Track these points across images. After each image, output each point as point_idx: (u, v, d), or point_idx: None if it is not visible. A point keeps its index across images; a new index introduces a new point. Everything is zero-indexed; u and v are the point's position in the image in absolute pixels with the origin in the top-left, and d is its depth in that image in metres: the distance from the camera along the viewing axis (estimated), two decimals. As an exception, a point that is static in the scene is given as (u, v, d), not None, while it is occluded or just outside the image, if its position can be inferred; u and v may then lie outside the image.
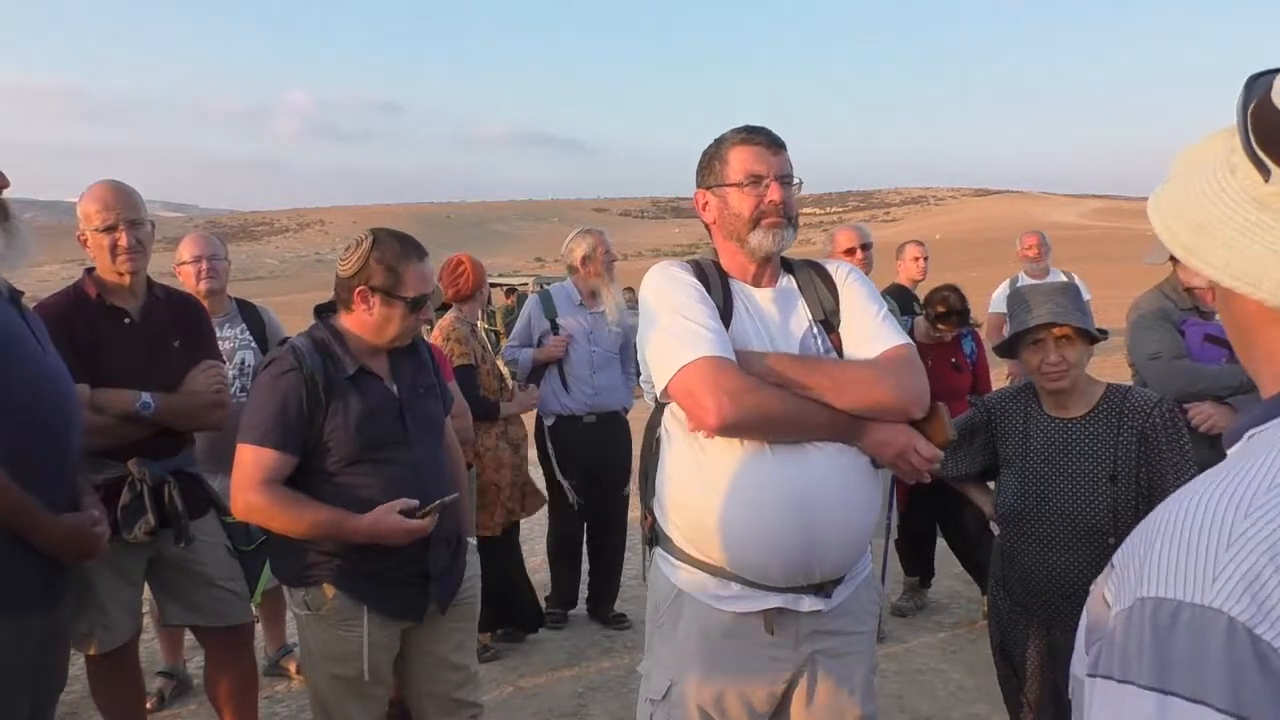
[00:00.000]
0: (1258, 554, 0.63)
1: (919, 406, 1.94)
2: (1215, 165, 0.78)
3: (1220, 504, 0.67)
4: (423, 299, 2.41)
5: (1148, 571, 0.67)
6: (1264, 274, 0.72)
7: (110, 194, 2.75)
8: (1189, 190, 0.80)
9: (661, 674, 2.04)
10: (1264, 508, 0.65)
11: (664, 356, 1.92)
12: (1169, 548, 0.67)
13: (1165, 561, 0.67)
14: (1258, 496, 0.66)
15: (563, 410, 4.40)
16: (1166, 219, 0.81)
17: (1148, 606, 0.66)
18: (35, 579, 2.12)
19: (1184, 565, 0.65)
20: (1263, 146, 0.73)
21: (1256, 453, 0.71)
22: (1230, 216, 0.75)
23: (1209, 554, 0.64)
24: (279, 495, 2.28)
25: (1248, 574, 0.62)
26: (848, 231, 4.70)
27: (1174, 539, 0.67)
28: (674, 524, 2.01)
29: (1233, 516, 0.65)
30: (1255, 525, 0.64)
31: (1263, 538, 0.64)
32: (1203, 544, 0.65)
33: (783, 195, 1.98)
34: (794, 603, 1.94)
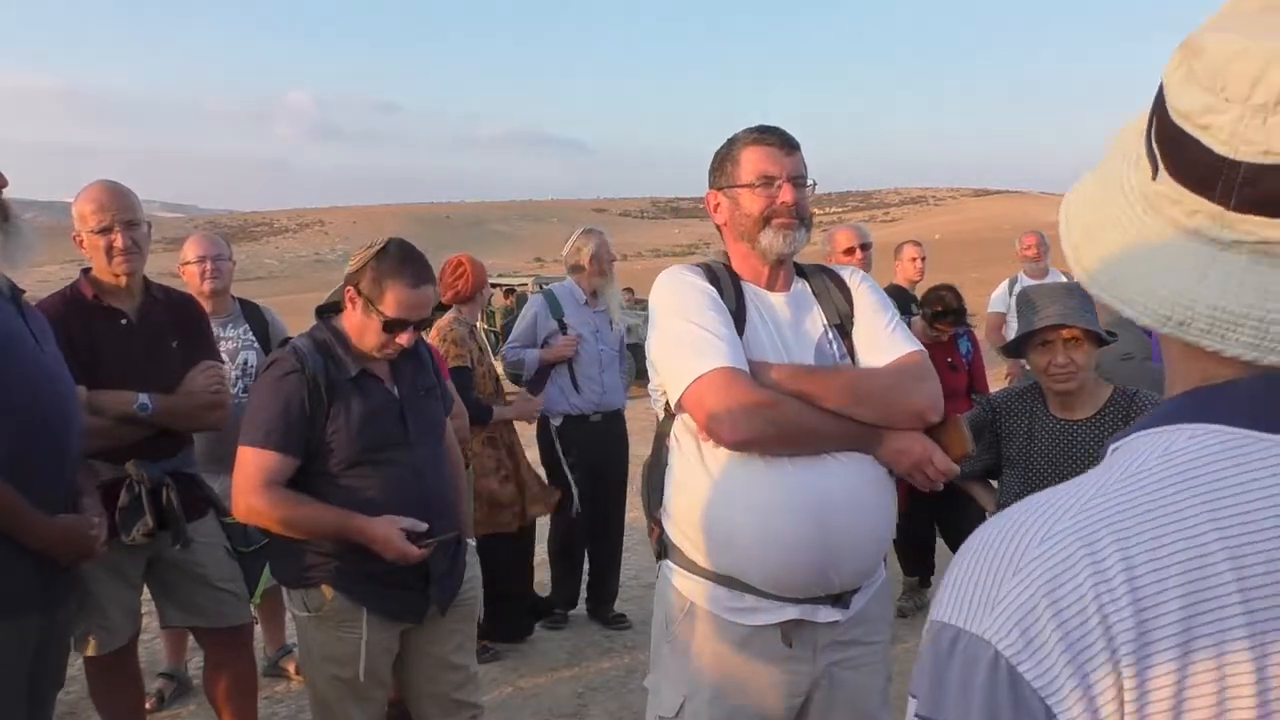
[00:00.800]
0: (1036, 585, 0.57)
1: (935, 412, 1.93)
2: (1127, 153, 0.70)
3: (1023, 525, 0.61)
4: (401, 323, 2.33)
5: (945, 591, 0.63)
6: (1131, 285, 0.64)
7: (105, 195, 2.74)
8: (1102, 181, 0.71)
9: (673, 690, 1.98)
10: (1062, 534, 0.59)
11: (677, 367, 1.89)
12: (966, 568, 0.62)
13: (959, 583, 0.62)
14: (1062, 520, 0.60)
15: (571, 410, 4.40)
16: (1070, 214, 0.72)
17: (934, 630, 0.62)
18: (33, 580, 2.11)
19: (971, 590, 0.61)
20: (1159, 140, 0.65)
21: (1101, 469, 0.64)
22: (1117, 219, 0.67)
23: (995, 580, 0.60)
24: (281, 497, 2.27)
25: (1023, 605, 0.57)
26: (847, 231, 4.70)
27: (973, 559, 0.62)
28: (685, 535, 1.96)
29: (1028, 541, 0.60)
30: (1046, 553, 0.58)
31: (1048, 567, 0.58)
32: (993, 568, 0.60)
33: (795, 196, 1.95)
34: (811, 614, 1.90)
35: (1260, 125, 0.57)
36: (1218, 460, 0.59)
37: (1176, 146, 0.62)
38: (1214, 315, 0.60)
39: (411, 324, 2.36)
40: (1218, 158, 0.59)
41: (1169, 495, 0.58)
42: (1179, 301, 0.61)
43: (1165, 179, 0.63)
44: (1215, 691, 0.53)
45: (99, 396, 2.61)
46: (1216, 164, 0.59)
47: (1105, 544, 0.57)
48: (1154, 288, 0.62)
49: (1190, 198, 0.62)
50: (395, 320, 2.32)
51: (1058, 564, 0.57)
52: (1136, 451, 0.63)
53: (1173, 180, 0.63)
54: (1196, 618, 0.54)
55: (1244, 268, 0.60)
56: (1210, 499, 0.57)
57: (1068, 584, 0.56)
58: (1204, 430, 0.61)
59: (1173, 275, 0.62)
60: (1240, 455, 0.59)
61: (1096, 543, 0.57)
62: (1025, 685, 0.56)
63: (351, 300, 2.35)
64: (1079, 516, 0.59)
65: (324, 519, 2.29)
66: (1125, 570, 0.56)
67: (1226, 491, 0.57)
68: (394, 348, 2.37)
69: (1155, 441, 0.63)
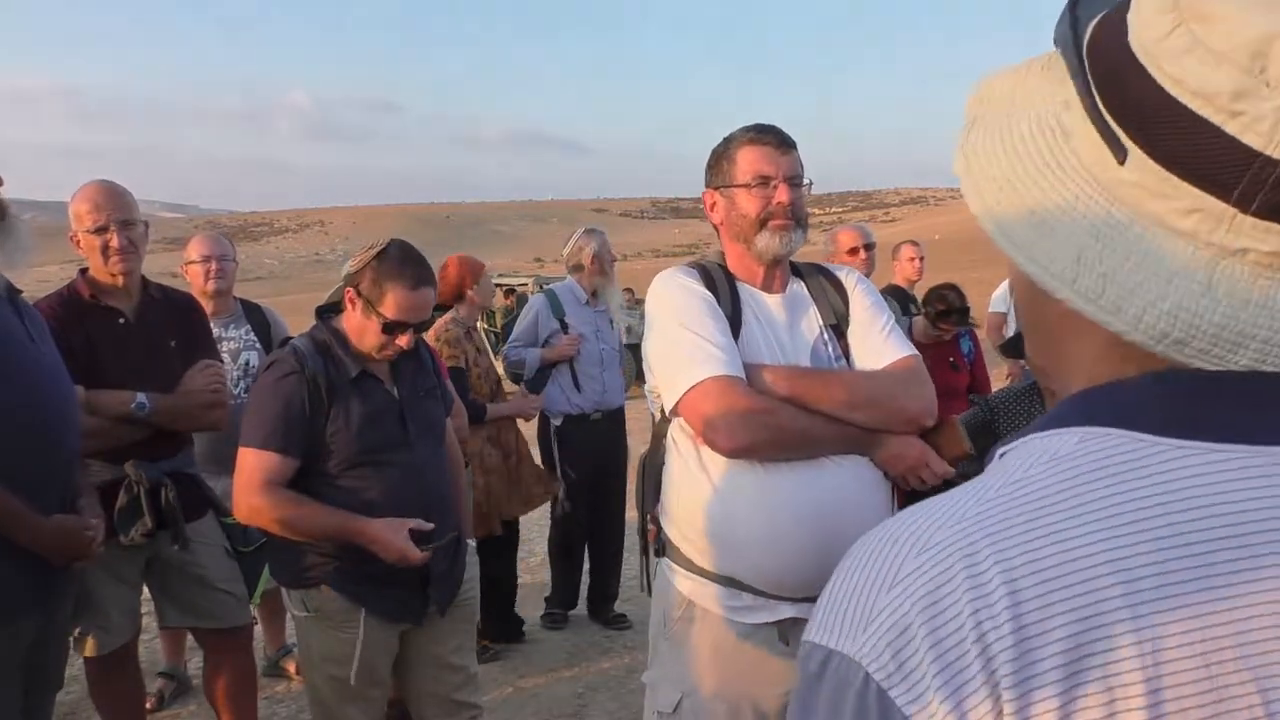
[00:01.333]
0: (912, 601, 0.52)
1: (929, 417, 1.95)
2: (1042, 119, 0.58)
3: (901, 536, 0.56)
4: (401, 325, 2.32)
5: (820, 609, 0.58)
6: (1124, 297, 0.54)
7: (101, 194, 2.73)
8: (1013, 154, 0.59)
9: (671, 686, 2.00)
10: (941, 545, 0.53)
11: (674, 373, 1.90)
12: (840, 584, 0.57)
13: (833, 599, 0.57)
14: (942, 529, 0.54)
15: (572, 409, 4.40)
16: (989, 199, 0.59)
17: (804, 650, 0.58)
18: (27, 580, 2.11)
19: (844, 607, 0.55)
20: (1119, 116, 0.54)
21: (985, 476, 0.59)
22: (1074, 208, 0.56)
23: (869, 596, 0.54)
24: (282, 498, 2.27)
25: (897, 624, 0.52)
26: (850, 231, 4.70)
27: (848, 572, 0.57)
28: (684, 535, 1.98)
29: (906, 552, 0.54)
30: (921, 567, 0.53)
31: (924, 582, 0.52)
32: (867, 584, 0.55)
33: (790, 197, 1.95)
34: (807, 612, 1.93)
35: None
36: (1106, 466, 0.54)
37: (1175, 130, 0.52)
38: (1218, 334, 0.53)
39: (411, 326, 2.36)
40: (1249, 153, 0.50)
41: (1054, 505, 0.53)
42: (1181, 317, 0.53)
43: (1146, 167, 0.53)
44: (1104, 718, 0.49)
45: (97, 396, 2.61)
46: (1244, 160, 0.50)
47: (985, 558, 0.52)
48: (1154, 300, 0.54)
49: (1190, 193, 0.52)
50: (395, 322, 2.32)
51: (934, 579, 0.52)
52: (1022, 456, 0.58)
53: (1161, 169, 0.53)
54: (1084, 642, 0.49)
55: (1248, 280, 0.53)
56: (1098, 509, 0.52)
57: (944, 601, 0.51)
58: (1093, 434, 0.56)
59: (1173, 287, 0.53)
60: (1130, 461, 0.54)
61: (975, 556, 0.52)
62: (896, 712, 0.51)
63: (351, 301, 2.35)
64: (958, 527, 0.54)
65: (325, 520, 2.29)
66: (1007, 587, 0.51)
67: (1114, 500, 0.52)
68: (393, 349, 2.37)
69: (1042, 446, 0.57)
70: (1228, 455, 0.53)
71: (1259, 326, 0.53)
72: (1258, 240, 0.52)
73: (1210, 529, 0.51)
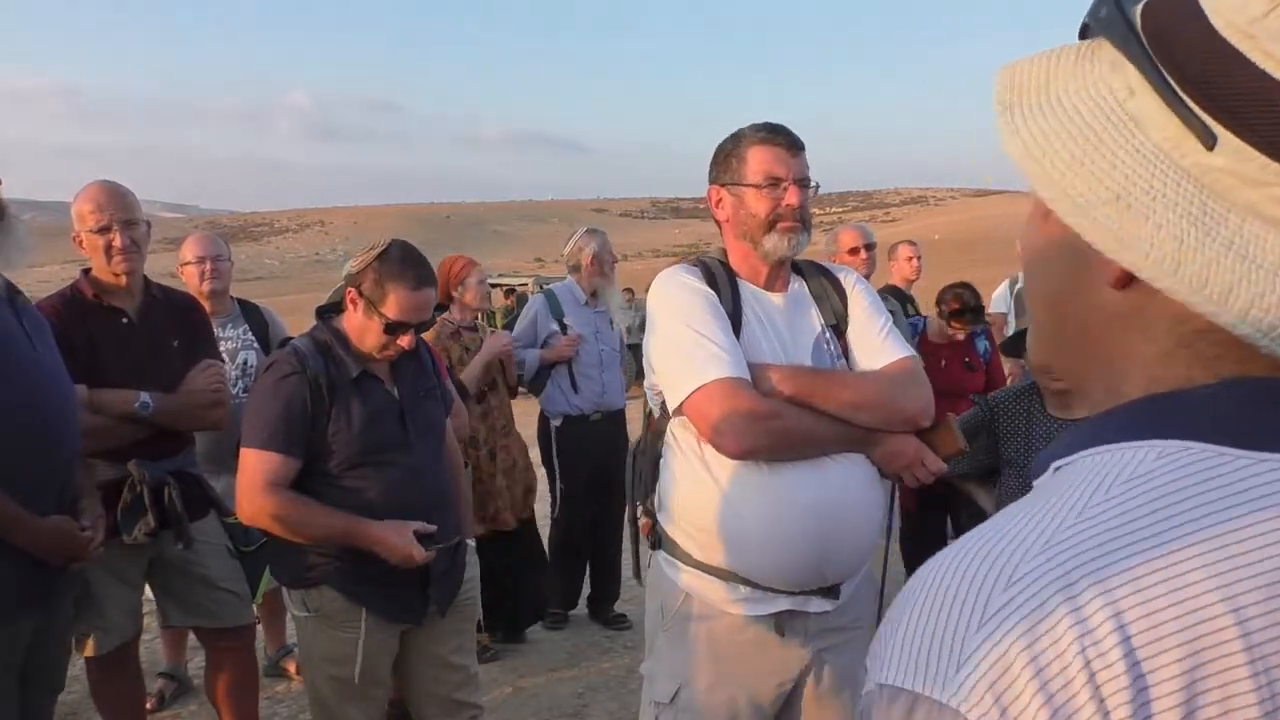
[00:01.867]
0: (1011, 640, 0.48)
1: (926, 418, 1.97)
2: (1101, 107, 0.55)
3: (982, 567, 0.51)
4: (403, 325, 2.33)
5: (890, 649, 0.53)
6: (1232, 287, 0.51)
7: (103, 194, 2.74)
8: (1080, 137, 0.55)
9: (668, 677, 2.03)
10: (1031, 575, 0.49)
11: (678, 373, 1.91)
12: (916, 620, 0.52)
13: (909, 639, 0.52)
14: (1028, 559, 0.50)
15: (571, 410, 4.40)
16: (1063, 180, 0.55)
17: (884, 695, 0.52)
18: (24, 580, 2.11)
19: (927, 647, 0.51)
20: (1205, 101, 0.51)
21: (1049, 494, 0.55)
22: (1164, 194, 0.52)
23: (957, 635, 0.50)
24: (285, 499, 2.27)
25: (997, 664, 0.48)
26: (852, 231, 4.70)
27: (924, 609, 0.52)
28: (682, 530, 1.99)
29: (992, 585, 0.50)
30: (1016, 600, 0.49)
31: (1021, 617, 0.48)
32: (952, 621, 0.50)
33: (800, 199, 1.96)
34: (803, 604, 1.95)
35: None
36: (1196, 485, 0.51)
37: (1271, 111, 0.49)
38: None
39: (412, 326, 2.36)
40: None
41: (1150, 532, 0.50)
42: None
43: (1241, 153, 0.50)
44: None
45: (100, 396, 2.61)
46: None
47: (1085, 590, 0.48)
48: (1262, 292, 0.51)
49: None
50: (397, 323, 2.32)
51: (1032, 614, 0.48)
52: (1094, 473, 0.54)
53: (1259, 155, 0.50)
54: (1199, 677, 0.46)
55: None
56: (1196, 533, 0.49)
57: (1046, 639, 0.48)
58: (1174, 448, 0.52)
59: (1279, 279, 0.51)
60: (1219, 479, 0.51)
61: (1074, 589, 0.48)
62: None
63: (353, 302, 2.35)
64: (1047, 555, 0.50)
65: (328, 521, 2.29)
66: (1114, 623, 0.47)
67: (1211, 523, 0.49)
68: (394, 349, 2.38)
69: (1115, 461, 0.54)
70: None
71: None
72: None
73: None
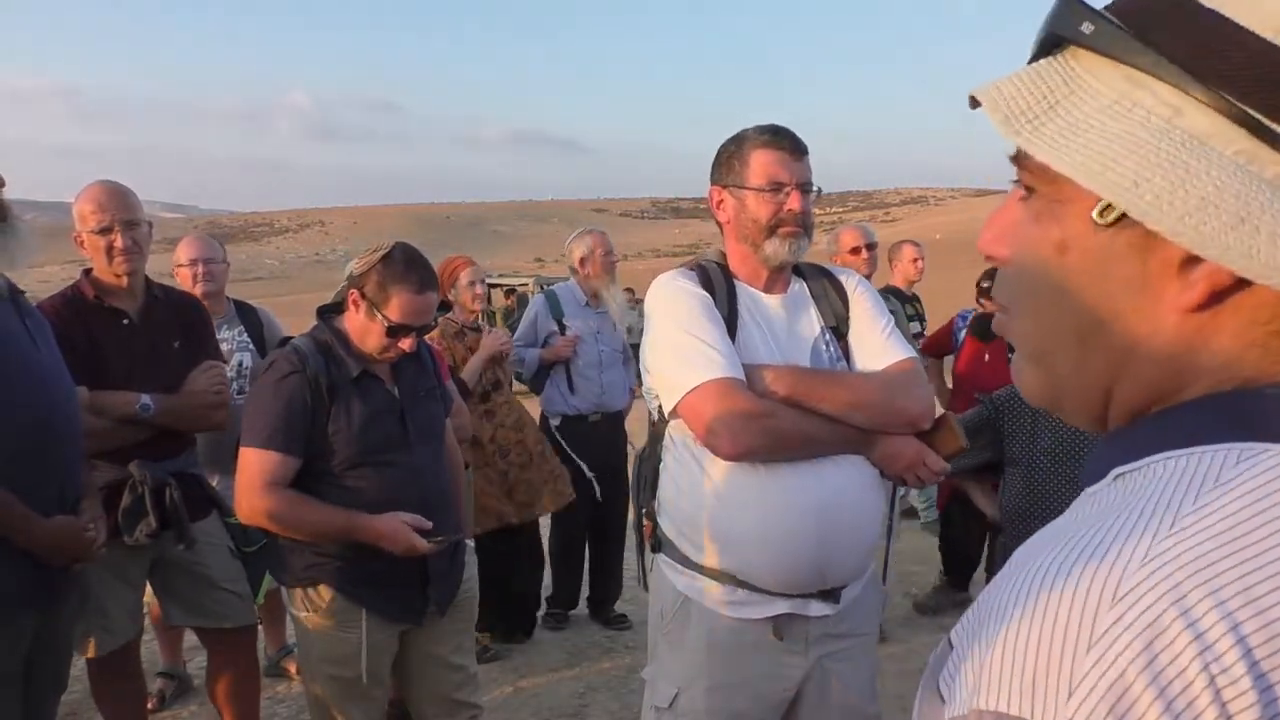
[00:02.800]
0: (1128, 658, 0.47)
1: (926, 419, 1.95)
2: (1150, 126, 0.55)
3: (1082, 583, 0.50)
4: (404, 328, 2.33)
5: (988, 673, 0.50)
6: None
7: (105, 195, 2.73)
8: (1137, 155, 0.54)
9: (668, 682, 2.01)
10: (1138, 591, 0.48)
11: (673, 376, 1.90)
12: (1015, 641, 0.50)
13: (1010, 661, 0.50)
14: (1130, 573, 0.49)
15: (569, 410, 4.41)
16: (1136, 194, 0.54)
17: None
18: (26, 579, 2.11)
19: (1032, 670, 0.49)
20: (1276, 115, 0.51)
21: (1128, 503, 0.54)
22: (1256, 200, 0.52)
23: (1064, 656, 0.48)
24: (285, 498, 2.27)
25: (1114, 686, 0.46)
26: (853, 231, 4.70)
27: (1021, 629, 0.50)
28: (681, 531, 1.98)
29: (1096, 601, 0.49)
30: (1125, 616, 0.48)
31: (1134, 635, 0.47)
32: (1057, 641, 0.49)
33: (802, 204, 1.95)
34: (802, 608, 1.93)
35: None
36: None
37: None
38: None
39: (414, 329, 2.36)
40: None
41: (1248, 535, 0.49)
42: None
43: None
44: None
45: (101, 397, 2.61)
46: None
47: (1198, 603, 0.47)
48: None
49: None
50: (399, 325, 2.32)
51: (1145, 631, 0.47)
52: (1171, 480, 0.53)
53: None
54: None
55: None
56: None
57: (1164, 656, 0.46)
58: (1255, 450, 0.52)
59: None
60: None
61: (1186, 602, 0.47)
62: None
63: (355, 303, 2.35)
64: (1150, 569, 0.49)
65: (328, 520, 2.29)
66: (1232, 635, 0.46)
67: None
68: (396, 351, 2.38)
69: (1193, 467, 0.53)
70: None
71: None
72: None
73: None
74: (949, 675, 0.54)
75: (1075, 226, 0.58)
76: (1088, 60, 0.57)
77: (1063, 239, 0.59)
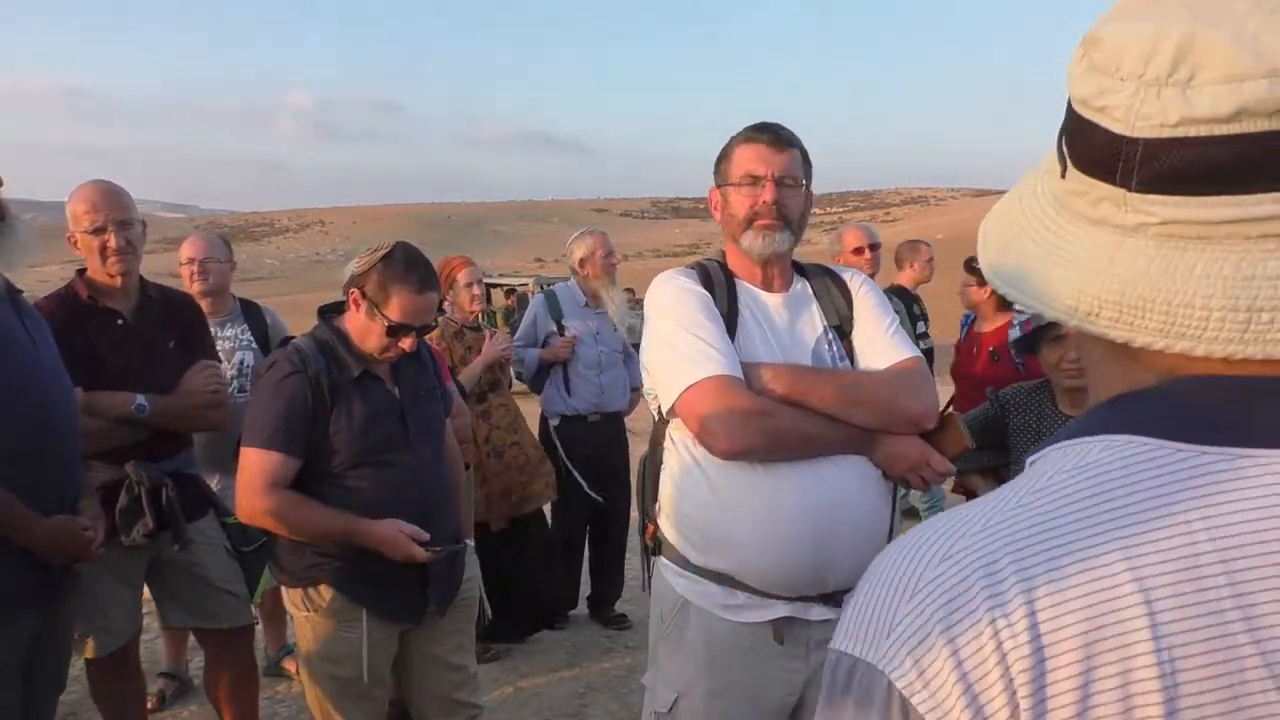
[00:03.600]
0: (933, 609, 0.54)
1: (930, 419, 1.92)
2: (1043, 167, 0.67)
3: (924, 544, 0.57)
4: (405, 328, 2.33)
5: (844, 617, 0.60)
6: (1056, 290, 0.61)
7: (98, 195, 2.71)
8: (1014, 200, 0.69)
9: (668, 686, 1.99)
10: (960, 554, 0.55)
11: (670, 374, 1.88)
12: (865, 591, 0.59)
13: (857, 609, 0.59)
14: (962, 539, 0.56)
15: (568, 410, 4.41)
16: (985, 231, 0.69)
17: (832, 659, 0.59)
18: (25, 579, 2.11)
19: (868, 615, 0.57)
20: (1061, 143, 0.63)
21: (1010, 485, 0.60)
22: (1030, 223, 0.65)
23: (890, 605, 0.56)
24: (285, 499, 2.27)
25: (917, 632, 0.54)
26: (856, 231, 4.68)
27: (872, 581, 0.59)
28: (680, 534, 1.96)
29: (927, 561, 0.56)
30: (941, 575, 0.54)
31: (943, 591, 0.54)
32: (889, 592, 0.57)
33: (776, 196, 1.92)
34: (803, 611, 1.90)
35: (1155, 98, 0.55)
36: (1130, 474, 0.55)
37: (1079, 136, 0.61)
38: (1121, 301, 0.58)
39: (414, 329, 2.36)
40: (1115, 137, 0.58)
41: (1075, 513, 0.54)
42: (1086, 290, 0.59)
43: (1072, 174, 0.62)
44: None
45: (96, 398, 2.60)
46: (1115, 144, 0.58)
47: (1004, 566, 0.53)
48: (1061, 278, 0.61)
49: (1095, 186, 0.60)
50: (399, 325, 2.32)
51: (953, 588, 0.54)
52: (1049, 465, 0.59)
53: (1078, 172, 0.61)
54: (1098, 655, 0.50)
55: (1150, 251, 0.58)
56: (1117, 517, 0.53)
57: (962, 609, 0.53)
58: (1119, 441, 0.57)
59: (1080, 267, 0.60)
60: (1153, 469, 0.55)
61: (994, 565, 0.54)
62: (918, 717, 0.53)
63: (355, 303, 2.35)
64: (979, 536, 0.55)
65: (328, 521, 2.29)
66: (1024, 596, 0.52)
67: (1135, 509, 0.53)
68: (395, 351, 2.38)
69: (1068, 454, 0.59)
70: (1248, 459, 0.54)
71: (1158, 290, 0.57)
72: (1148, 214, 0.57)
73: (1231, 534, 0.52)
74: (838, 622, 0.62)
75: None
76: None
77: None
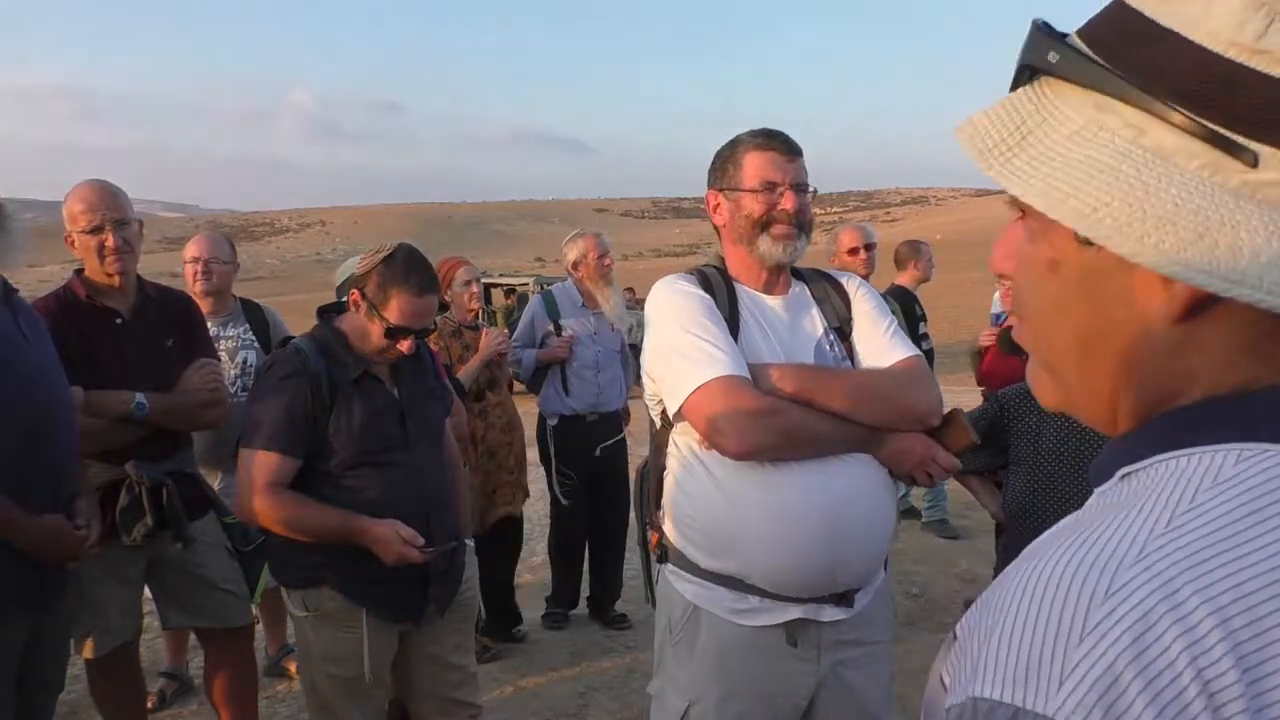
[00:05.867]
0: (1117, 650, 0.48)
1: (935, 416, 1.94)
2: (1115, 150, 0.56)
3: (1078, 577, 0.52)
4: (403, 331, 2.33)
5: (985, 660, 0.53)
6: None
7: (95, 194, 2.71)
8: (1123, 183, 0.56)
9: (678, 695, 1.97)
10: (1130, 585, 0.50)
11: (676, 377, 1.88)
12: (1011, 632, 0.52)
13: (1005, 651, 0.52)
14: (1124, 569, 0.51)
15: (565, 410, 4.41)
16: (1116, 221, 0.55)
17: (980, 710, 0.52)
18: (19, 579, 2.11)
19: (1026, 659, 0.51)
20: (1233, 122, 0.53)
21: (1130, 502, 0.56)
22: (1233, 219, 0.54)
23: (1057, 647, 0.50)
24: (285, 499, 2.27)
25: (1103, 676, 0.48)
26: (852, 231, 4.68)
27: (1018, 621, 0.52)
28: (688, 538, 1.95)
29: (1089, 595, 0.51)
30: (1117, 610, 0.49)
31: (1124, 628, 0.49)
32: (1050, 632, 0.51)
33: (796, 203, 1.95)
34: (815, 613, 1.89)
35: None
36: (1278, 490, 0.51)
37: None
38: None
39: (414, 332, 2.36)
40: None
41: (1242, 533, 0.51)
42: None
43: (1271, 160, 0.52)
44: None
45: (95, 397, 2.60)
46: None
47: (1188, 598, 0.49)
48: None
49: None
50: (398, 328, 2.32)
51: (1135, 624, 0.49)
52: (1173, 479, 0.55)
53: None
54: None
55: None
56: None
57: (1153, 648, 0.48)
58: (1253, 451, 0.53)
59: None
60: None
61: (1177, 596, 0.49)
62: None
63: (356, 304, 2.35)
64: (1144, 565, 0.50)
65: (327, 521, 2.29)
66: (1221, 629, 0.48)
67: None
68: (395, 353, 2.38)
69: (1194, 467, 0.54)
70: None
71: None
72: None
73: None
74: (952, 665, 0.56)
75: (1063, 246, 0.60)
76: (1059, 88, 0.59)
77: (1054, 257, 0.61)
